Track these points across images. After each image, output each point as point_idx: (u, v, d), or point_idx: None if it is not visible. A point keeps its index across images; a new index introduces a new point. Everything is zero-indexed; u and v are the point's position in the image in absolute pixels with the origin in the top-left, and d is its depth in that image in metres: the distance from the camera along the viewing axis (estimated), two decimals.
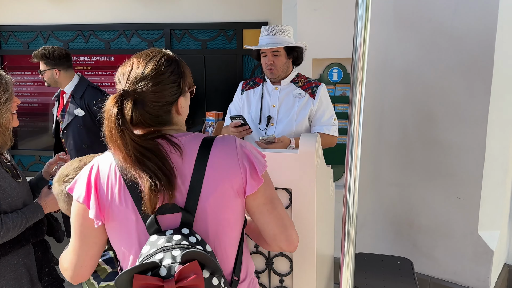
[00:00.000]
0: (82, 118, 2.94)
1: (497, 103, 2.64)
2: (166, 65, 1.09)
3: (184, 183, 1.06)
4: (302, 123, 2.39)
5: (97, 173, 1.10)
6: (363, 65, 1.28)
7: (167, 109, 1.10)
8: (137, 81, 1.06)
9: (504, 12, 2.54)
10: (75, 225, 1.12)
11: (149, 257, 0.96)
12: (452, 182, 2.81)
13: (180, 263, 0.93)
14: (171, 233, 1.01)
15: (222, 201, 1.08)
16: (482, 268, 2.79)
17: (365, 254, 2.41)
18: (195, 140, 1.11)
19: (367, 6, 1.25)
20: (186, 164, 1.07)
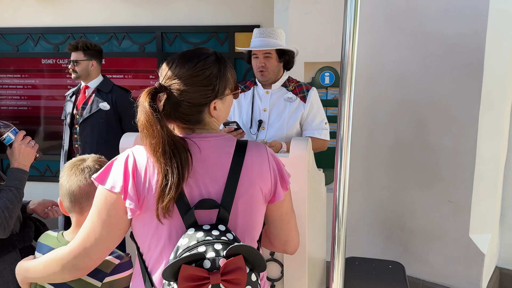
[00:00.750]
0: (106, 112, 3.00)
1: (487, 107, 2.65)
2: (202, 68, 1.11)
3: (219, 181, 1.09)
4: (293, 127, 2.38)
5: (134, 162, 1.09)
6: (352, 69, 1.28)
7: (198, 110, 1.12)
8: (173, 79, 1.09)
9: (493, 17, 2.56)
10: (103, 215, 1.09)
11: (191, 249, 0.97)
12: (443, 186, 2.82)
13: (223, 256, 0.95)
14: (209, 228, 1.03)
15: (252, 203, 1.13)
16: (473, 271, 2.79)
17: (357, 258, 2.40)
18: (229, 141, 1.15)
19: (355, 10, 1.25)
20: (222, 163, 1.11)
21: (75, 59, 2.99)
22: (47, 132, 4.27)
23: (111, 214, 1.09)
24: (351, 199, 3.21)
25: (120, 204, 1.08)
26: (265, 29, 2.35)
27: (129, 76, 4.02)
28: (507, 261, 3.12)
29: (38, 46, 4.10)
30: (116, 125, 3.03)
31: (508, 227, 3.07)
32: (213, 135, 1.14)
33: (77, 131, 3.05)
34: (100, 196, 1.11)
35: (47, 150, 4.22)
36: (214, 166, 1.10)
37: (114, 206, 1.09)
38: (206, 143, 1.12)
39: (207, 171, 1.10)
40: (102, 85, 3.07)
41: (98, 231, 1.10)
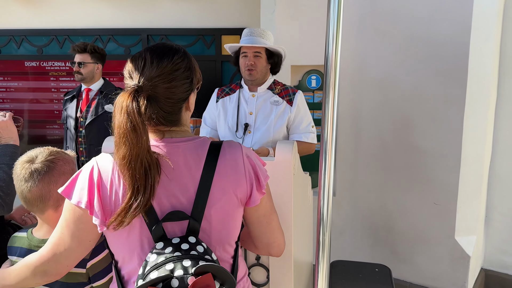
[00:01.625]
0: (111, 114, 2.94)
1: (472, 110, 2.67)
2: (179, 61, 1.07)
3: (189, 190, 1.05)
4: (280, 130, 2.37)
5: (99, 175, 1.04)
6: (335, 72, 1.27)
7: (179, 106, 1.08)
8: (152, 77, 1.02)
9: (477, 20, 2.58)
10: (72, 229, 1.07)
11: (158, 266, 0.94)
12: (429, 188, 2.83)
13: (192, 274, 0.92)
14: (178, 242, 1.00)
15: (226, 209, 1.08)
16: (459, 273, 2.81)
17: (343, 261, 2.39)
18: (202, 145, 1.10)
19: (338, 13, 1.25)
20: (193, 170, 1.06)
21: (81, 61, 2.99)
22: (31, 136, 4.20)
23: (80, 227, 1.06)
24: (338, 202, 3.24)
25: (88, 218, 1.04)
26: (256, 29, 2.36)
27: (114, 79, 3.97)
28: (492, 263, 3.15)
29: (21, 49, 4.03)
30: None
31: (493, 229, 3.10)
32: (183, 140, 1.08)
33: (82, 134, 3.03)
34: (68, 210, 1.07)
35: None
36: (184, 175, 1.05)
37: (82, 220, 1.06)
38: (176, 149, 1.06)
39: (177, 180, 1.04)
40: (105, 87, 3.09)
41: (67, 242, 1.08)
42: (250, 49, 2.30)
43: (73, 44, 3.04)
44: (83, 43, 3.01)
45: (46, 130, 4.13)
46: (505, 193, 3.01)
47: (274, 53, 2.35)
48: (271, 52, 2.34)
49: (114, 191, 1.03)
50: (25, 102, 4.16)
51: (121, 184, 1.02)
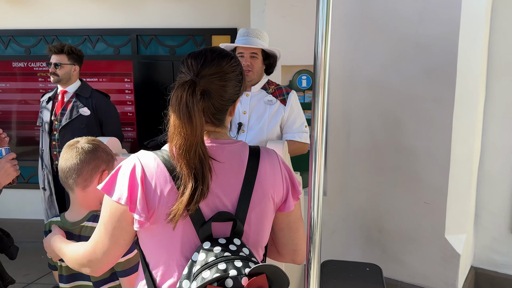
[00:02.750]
0: (87, 117, 2.95)
1: (461, 110, 2.69)
2: (235, 65, 1.12)
3: (232, 192, 1.06)
4: (273, 130, 2.37)
5: (142, 171, 1.03)
6: (325, 72, 1.26)
7: (227, 107, 1.11)
8: (210, 74, 1.06)
9: (465, 20, 2.61)
10: (108, 226, 1.07)
11: (210, 266, 0.93)
12: (419, 188, 2.85)
13: (245, 275, 0.92)
14: (225, 242, 1.00)
15: (264, 212, 1.10)
16: (449, 271, 2.83)
17: (335, 261, 2.40)
18: (243, 149, 1.12)
19: (327, 13, 1.24)
20: (236, 173, 1.08)
21: (58, 62, 2.92)
22: (19, 137, 4.14)
23: (116, 225, 1.06)
24: (330, 202, 3.24)
25: (127, 215, 1.03)
26: (252, 29, 2.36)
27: (103, 79, 3.94)
28: (482, 261, 3.18)
29: (8, 49, 3.98)
30: (97, 130, 2.97)
31: (482, 227, 3.13)
32: (227, 142, 1.11)
33: (56, 137, 2.97)
34: (106, 206, 1.07)
35: (19, 156, 4.08)
36: (228, 176, 1.07)
37: (119, 218, 1.05)
38: (221, 151, 1.08)
39: (221, 181, 1.06)
40: (81, 90, 3.01)
41: (103, 242, 1.09)
42: (247, 49, 2.29)
43: (49, 45, 2.97)
44: (60, 44, 2.94)
45: (34, 132, 4.08)
46: (494, 192, 3.04)
47: (270, 54, 2.36)
48: (267, 53, 2.35)
49: (159, 189, 1.02)
50: (13, 103, 4.10)
51: (166, 181, 1.02)
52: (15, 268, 3.49)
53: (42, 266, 3.59)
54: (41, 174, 3.08)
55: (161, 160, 1.04)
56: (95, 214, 1.55)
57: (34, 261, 3.66)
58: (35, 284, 3.36)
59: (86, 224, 1.53)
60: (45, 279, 3.42)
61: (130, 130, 3.92)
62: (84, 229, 1.52)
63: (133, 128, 3.92)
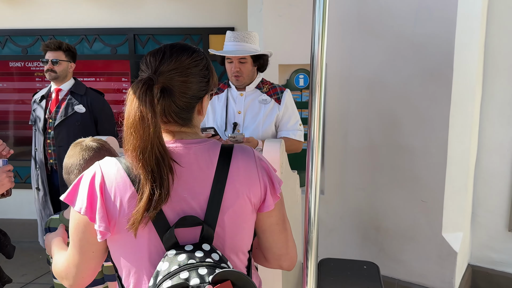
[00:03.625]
0: (82, 115, 2.95)
1: (457, 108, 2.70)
2: (198, 59, 1.05)
3: (201, 194, 1.00)
4: (268, 129, 2.38)
5: (102, 180, 0.98)
6: (322, 71, 1.27)
7: (193, 105, 1.04)
8: (169, 69, 1.00)
9: (462, 20, 2.62)
10: (74, 238, 1.03)
11: (172, 275, 0.88)
12: (416, 186, 2.86)
13: (209, 283, 0.87)
14: (192, 249, 0.94)
15: (240, 214, 1.03)
16: (446, 269, 2.84)
17: (332, 259, 2.40)
18: (213, 148, 1.05)
19: (324, 12, 1.25)
20: (204, 174, 1.01)
21: (56, 59, 2.91)
22: (17, 137, 4.14)
23: (82, 237, 1.02)
24: (327, 201, 3.25)
25: (90, 226, 0.99)
26: (239, 33, 2.31)
27: (101, 79, 3.94)
28: (479, 259, 3.20)
29: (5, 49, 3.98)
30: (92, 128, 2.97)
31: (479, 225, 3.14)
32: (194, 141, 1.04)
33: (51, 135, 2.95)
34: (72, 218, 1.03)
35: (17, 156, 4.08)
36: (196, 178, 1.00)
37: (83, 229, 1.01)
38: (187, 151, 1.02)
39: (188, 184, 0.99)
40: (75, 88, 3.00)
41: (74, 255, 1.05)
42: (235, 56, 2.28)
43: (44, 42, 2.95)
44: (57, 41, 2.94)
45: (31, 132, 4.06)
46: (491, 190, 3.06)
47: (260, 56, 2.34)
48: (257, 54, 2.32)
49: (119, 196, 0.97)
50: (10, 103, 4.10)
51: (127, 188, 0.97)
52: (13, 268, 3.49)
53: (40, 266, 3.59)
54: (34, 174, 3.07)
55: (122, 166, 0.99)
56: None
57: (31, 261, 3.66)
58: (32, 284, 3.36)
59: None
60: (43, 279, 3.42)
61: None
62: None
63: None
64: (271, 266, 1.20)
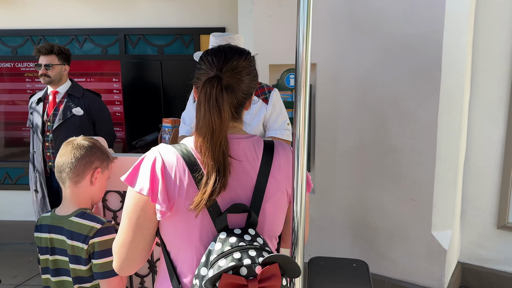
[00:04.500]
0: (80, 117, 2.94)
1: (446, 107, 2.73)
2: (251, 60, 1.19)
3: (247, 184, 1.12)
4: (256, 129, 2.38)
5: (163, 164, 1.09)
6: (306, 71, 1.27)
7: (245, 100, 1.16)
8: (232, 68, 1.11)
9: (449, 20, 2.64)
10: (132, 217, 1.11)
11: (226, 255, 0.99)
12: (406, 185, 2.88)
13: (259, 263, 0.97)
14: (240, 233, 1.05)
15: (278, 204, 1.17)
16: (436, 267, 2.86)
17: (322, 258, 2.41)
18: (258, 144, 1.18)
19: (308, 11, 1.25)
20: (251, 166, 1.14)
21: (49, 63, 2.89)
22: (7, 138, 4.11)
23: (141, 215, 1.10)
24: (318, 200, 3.26)
25: (149, 205, 1.08)
26: (223, 37, 2.28)
27: (91, 79, 3.92)
28: (468, 256, 3.23)
29: None
30: (90, 130, 2.97)
31: (468, 223, 3.17)
32: (243, 137, 1.16)
33: (50, 138, 2.94)
34: (129, 197, 1.12)
35: (7, 158, 4.06)
36: (244, 170, 1.12)
37: (142, 208, 1.09)
38: (237, 146, 1.13)
39: (237, 175, 1.11)
40: (72, 90, 2.99)
41: (127, 233, 1.12)
42: None
43: (36, 46, 2.93)
44: (49, 44, 2.92)
45: (22, 133, 4.05)
46: (480, 188, 3.09)
47: None
48: None
49: (178, 181, 1.07)
50: (0, 104, 4.07)
51: (186, 174, 1.07)
52: (4, 269, 3.47)
53: (31, 267, 3.57)
54: (32, 177, 3.06)
55: (180, 154, 1.10)
56: (83, 211, 1.59)
57: (22, 262, 3.64)
58: (23, 285, 3.34)
59: (73, 219, 1.57)
60: (34, 280, 3.40)
61: (119, 130, 3.91)
62: (70, 223, 1.56)
63: (121, 128, 3.91)
64: (288, 246, 1.32)
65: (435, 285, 2.88)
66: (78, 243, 1.52)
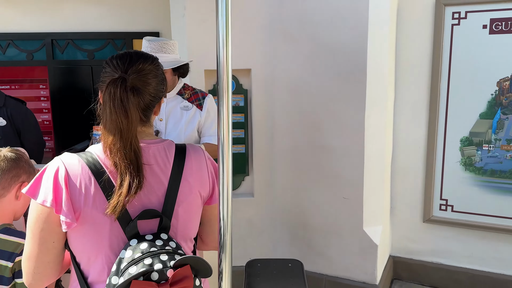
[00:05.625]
0: (2, 128, 2.75)
1: (371, 110, 2.88)
2: (158, 65, 1.21)
3: (159, 189, 1.13)
4: (191, 135, 2.37)
5: (66, 173, 1.06)
6: (228, 76, 1.30)
7: (154, 104, 1.17)
8: (138, 70, 1.12)
9: (373, 27, 2.79)
10: (35, 230, 1.08)
11: (136, 262, 0.99)
12: (338, 184, 3.00)
13: (171, 267, 0.99)
14: (152, 238, 1.05)
15: (192, 207, 1.19)
16: (368, 262, 3.01)
17: (259, 260, 2.44)
18: (169, 148, 1.19)
19: (226, 16, 1.28)
20: (162, 170, 1.14)
21: None
22: None
23: (44, 228, 1.07)
24: (257, 203, 3.30)
25: (53, 217, 1.05)
26: (156, 43, 2.22)
27: (16, 86, 3.69)
28: (399, 250, 3.42)
29: None
30: (15, 140, 2.79)
31: (397, 218, 3.37)
32: (152, 141, 1.16)
33: None
34: (32, 210, 1.08)
35: None
36: (154, 175, 1.12)
37: (46, 220, 1.06)
38: (146, 150, 1.13)
39: (148, 180, 1.10)
40: None
41: (31, 247, 1.09)
42: None
43: None
44: None
45: None
46: (407, 185, 3.28)
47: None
48: None
49: (84, 190, 1.05)
50: None
51: (92, 182, 1.06)
52: None
53: None
54: None
55: (85, 162, 1.08)
56: (7, 227, 1.51)
57: None
58: None
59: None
60: None
61: (48, 139, 3.71)
62: None
63: (50, 137, 3.72)
64: (209, 248, 1.39)
65: (368, 279, 3.02)
66: (2, 261, 1.45)
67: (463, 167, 3.07)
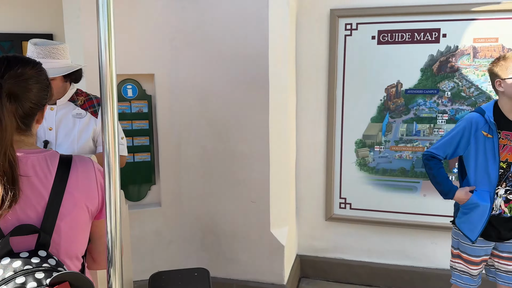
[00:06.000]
0: None
1: (274, 117, 2.97)
2: (40, 70, 1.13)
3: (40, 203, 1.05)
4: (85, 145, 2.22)
5: None
6: (112, 81, 1.23)
7: (36, 111, 1.10)
8: (16, 76, 1.05)
9: (274, 40, 2.87)
10: None
11: (7, 281, 0.92)
12: (245, 188, 3.04)
13: (47, 285, 0.93)
14: (27, 256, 0.98)
15: (77, 222, 1.11)
16: (276, 263, 3.08)
17: (163, 272, 2.38)
18: (52, 158, 1.11)
19: (108, 20, 1.22)
20: (42, 182, 1.07)
21: None
22: None
23: None
24: (165, 213, 3.21)
25: None
26: (44, 47, 2.02)
27: None
28: (305, 249, 3.56)
29: None
30: None
31: (302, 218, 3.51)
32: (31, 151, 1.09)
33: None
34: None
35: None
36: (33, 187, 1.06)
37: None
38: (24, 161, 1.06)
39: (25, 193, 1.04)
40: None
41: None
42: None
43: None
44: None
45: None
46: (310, 185, 3.44)
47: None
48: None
49: None
50: None
51: None
52: None
53: None
54: None
55: None
56: None
57: None
58: None
59: None
60: None
61: None
62: None
63: None
64: (101, 267, 1.30)
65: (276, 280, 3.10)
66: None
67: (358, 167, 3.30)
